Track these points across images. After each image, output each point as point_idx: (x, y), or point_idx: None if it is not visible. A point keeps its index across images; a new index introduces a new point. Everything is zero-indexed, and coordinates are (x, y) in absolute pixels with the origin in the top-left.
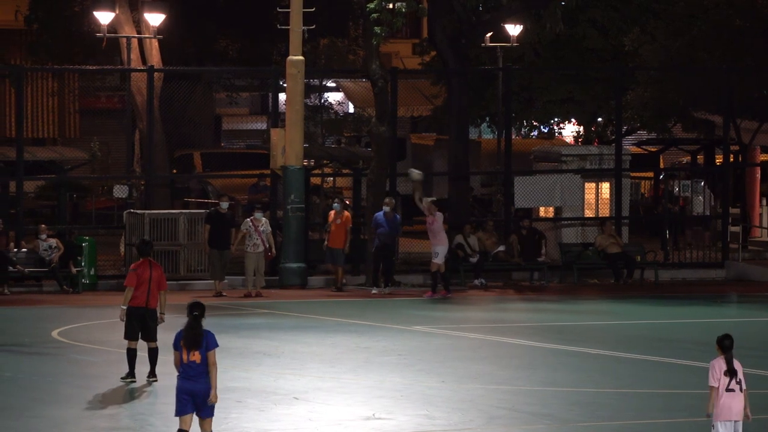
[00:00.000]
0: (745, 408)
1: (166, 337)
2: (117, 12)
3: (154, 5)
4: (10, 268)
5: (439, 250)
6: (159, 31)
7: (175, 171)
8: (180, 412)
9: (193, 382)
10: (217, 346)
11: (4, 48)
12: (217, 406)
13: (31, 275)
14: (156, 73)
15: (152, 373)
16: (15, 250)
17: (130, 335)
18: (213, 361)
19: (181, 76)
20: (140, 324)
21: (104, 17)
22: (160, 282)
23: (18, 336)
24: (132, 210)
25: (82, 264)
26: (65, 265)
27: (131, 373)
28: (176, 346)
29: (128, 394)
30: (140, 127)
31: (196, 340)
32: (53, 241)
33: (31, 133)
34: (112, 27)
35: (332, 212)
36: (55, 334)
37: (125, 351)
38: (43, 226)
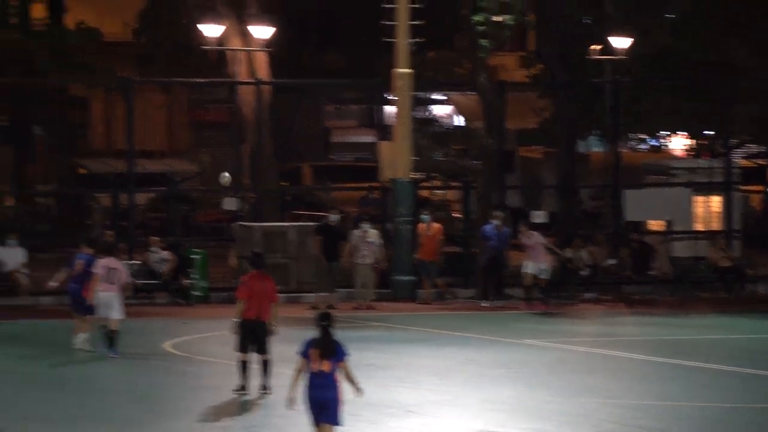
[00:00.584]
0: None
1: (278, 349)
2: (225, 25)
3: (261, 18)
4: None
5: (531, 265)
6: (267, 43)
7: (285, 183)
8: (312, 421)
9: (322, 391)
10: (347, 355)
11: (113, 61)
12: None
13: (143, 287)
14: (263, 85)
15: (265, 386)
16: (128, 262)
17: (242, 348)
18: (348, 369)
19: (289, 89)
20: (252, 336)
21: (212, 30)
22: (271, 294)
23: (131, 348)
24: (242, 222)
25: (194, 276)
26: (177, 277)
27: (243, 386)
28: (304, 353)
29: (241, 406)
30: (248, 140)
31: (328, 349)
32: (165, 254)
33: (142, 146)
34: (221, 40)
35: (422, 224)
36: (167, 346)
37: (237, 363)
38: (154, 238)
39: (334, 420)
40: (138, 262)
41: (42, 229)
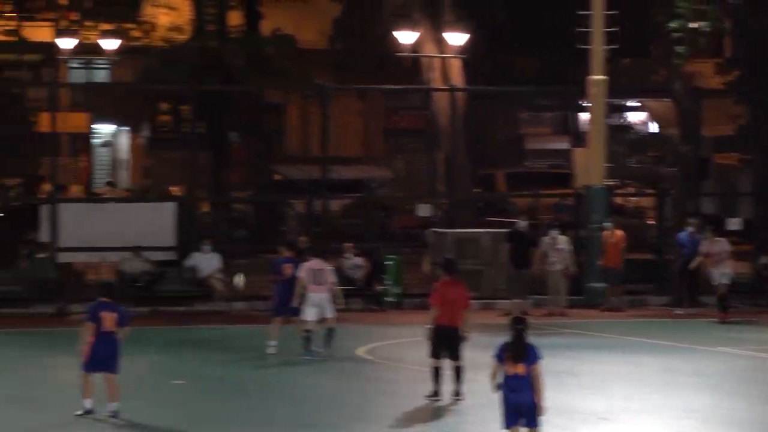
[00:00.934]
0: None
1: (470, 355)
2: (420, 32)
3: (456, 25)
4: None
5: (716, 272)
6: (461, 50)
7: (478, 190)
8: (508, 424)
9: (518, 395)
10: (541, 358)
11: (309, 68)
12: None
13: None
14: (458, 92)
15: (458, 392)
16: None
17: (435, 354)
18: (537, 373)
19: (484, 96)
20: (445, 343)
21: (407, 37)
22: (464, 300)
23: (325, 353)
24: (435, 229)
25: (388, 282)
26: (370, 283)
27: (436, 392)
28: (499, 357)
29: (434, 412)
30: (442, 146)
31: (521, 353)
32: (359, 260)
33: (337, 152)
34: (415, 47)
35: (606, 232)
36: (361, 351)
37: (430, 369)
38: (348, 244)
39: (532, 423)
40: (332, 267)
41: (238, 235)
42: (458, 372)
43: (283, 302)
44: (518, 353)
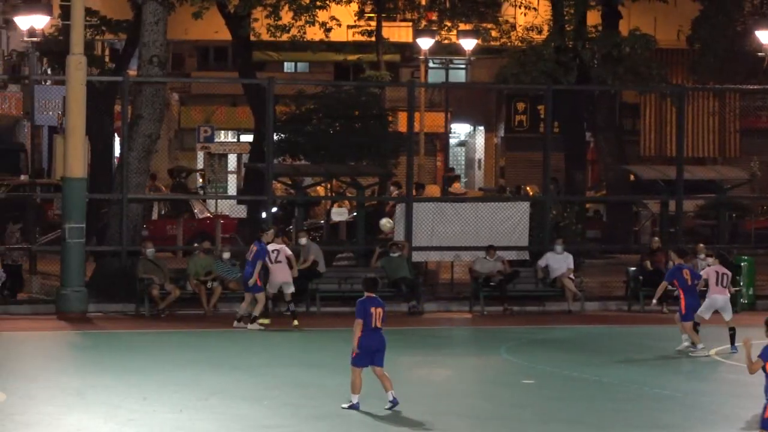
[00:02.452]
0: None
1: None
2: None
3: None
4: (669, 287)
5: None
6: None
7: None
8: None
9: None
10: None
11: (666, 67)
12: None
13: None
14: None
15: None
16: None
17: None
18: None
19: None
20: None
21: (766, 36)
22: None
23: (677, 354)
24: None
25: (741, 284)
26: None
27: None
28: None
29: None
30: None
31: None
32: (710, 260)
33: (692, 152)
34: None
35: None
36: (712, 353)
37: None
38: (701, 245)
39: None
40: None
41: (591, 235)
42: None
43: (691, 308)
44: None
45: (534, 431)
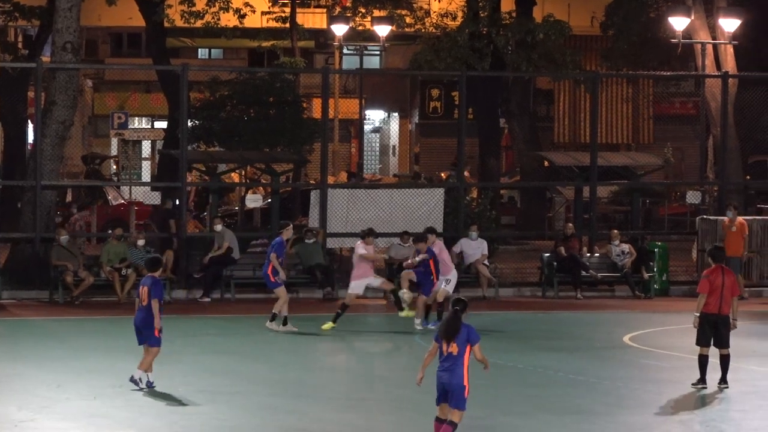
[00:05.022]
0: None
1: (736, 343)
2: (692, 18)
3: (729, 11)
4: (583, 273)
5: None
6: (734, 36)
7: (748, 177)
8: None
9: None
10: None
11: (580, 54)
12: None
13: (604, 280)
14: (730, 79)
15: (723, 380)
16: (588, 254)
17: (702, 342)
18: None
19: (758, 82)
20: (712, 330)
21: (679, 23)
22: (732, 288)
23: (591, 340)
24: (705, 216)
25: (654, 270)
26: (637, 270)
27: (703, 380)
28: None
29: (699, 400)
30: (713, 133)
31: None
32: (626, 247)
33: (605, 139)
34: (687, 33)
35: (726, 219)
36: (626, 338)
37: (696, 357)
38: (615, 231)
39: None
40: (598, 254)
41: (506, 221)
42: (724, 360)
43: None
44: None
45: None
